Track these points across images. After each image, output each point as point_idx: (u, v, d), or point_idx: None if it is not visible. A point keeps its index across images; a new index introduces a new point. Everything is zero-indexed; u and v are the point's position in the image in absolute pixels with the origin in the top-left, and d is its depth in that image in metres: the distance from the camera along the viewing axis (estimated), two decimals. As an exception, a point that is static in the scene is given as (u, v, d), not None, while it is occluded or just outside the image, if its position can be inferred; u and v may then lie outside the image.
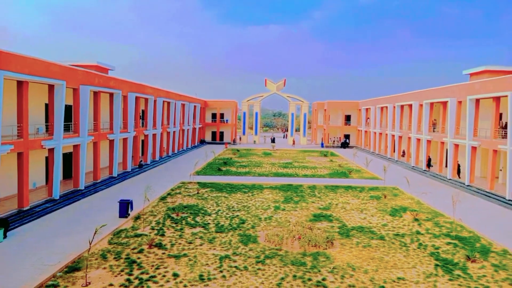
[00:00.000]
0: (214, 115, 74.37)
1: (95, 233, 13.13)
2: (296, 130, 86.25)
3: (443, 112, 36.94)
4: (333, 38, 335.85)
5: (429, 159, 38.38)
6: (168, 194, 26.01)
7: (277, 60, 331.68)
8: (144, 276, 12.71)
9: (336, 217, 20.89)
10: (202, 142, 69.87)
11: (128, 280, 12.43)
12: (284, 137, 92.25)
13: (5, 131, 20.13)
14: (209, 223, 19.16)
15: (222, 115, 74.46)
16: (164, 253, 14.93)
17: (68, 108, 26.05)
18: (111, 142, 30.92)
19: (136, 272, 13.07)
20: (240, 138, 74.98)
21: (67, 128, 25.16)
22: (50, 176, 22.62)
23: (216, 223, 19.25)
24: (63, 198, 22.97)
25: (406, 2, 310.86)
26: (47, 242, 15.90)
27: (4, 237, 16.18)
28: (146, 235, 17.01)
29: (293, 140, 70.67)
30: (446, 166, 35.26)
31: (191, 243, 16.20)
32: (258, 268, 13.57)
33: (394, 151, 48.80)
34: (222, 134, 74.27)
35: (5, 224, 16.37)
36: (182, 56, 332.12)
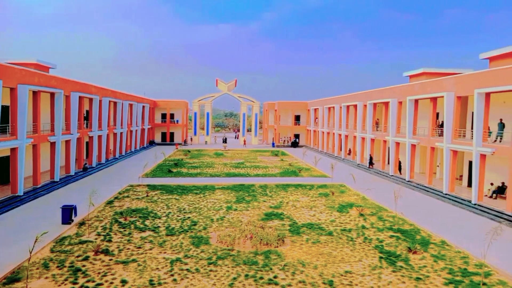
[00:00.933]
0: (164, 116, 72.78)
1: (36, 241, 12.36)
2: (247, 130, 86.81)
3: (385, 112, 38.94)
4: (283, 39, 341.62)
5: (370, 158, 40.34)
6: (116, 198, 25.09)
7: (228, 60, 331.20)
8: (90, 284, 12.16)
9: (287, 215, 21.29)
10: (152, 143, 68.13)
11: (72, 289, 11.83)
12: (235, 137, 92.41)
13: None
14: (159, 227, 18.73)
15: (172, 116, 73.07)
16: (111, 259, 14.39)
17: (5, 109, 24.31)
18: (52, 144, 29.24)
19: (81, 280, 12.47)
20: (191, 138, 74.04)
21: (3, 130, 23.44)
22: (-17, 182, 20.95)
23: (167, 226, 18.87)
24: (-2, 205, 21.38)
25: (350, 6, 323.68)
26: (-20, 254, 14.72)
27: None
28: (91, 241, 16.28)
29: (244, 140, 71.03)
30: (389, 163, 37.22)
31: (140, 247, 15.75)
32: (210, 270, 13.50)
33: (341, 150, 50.68)
34: (172, 135, 72.89)
35: None
36: (130, 55, 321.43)
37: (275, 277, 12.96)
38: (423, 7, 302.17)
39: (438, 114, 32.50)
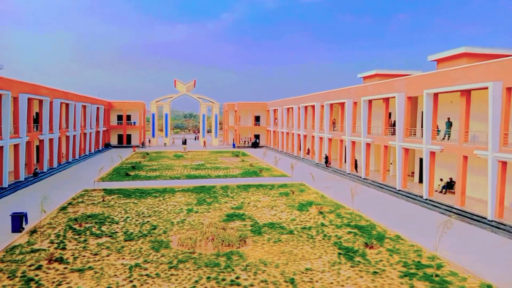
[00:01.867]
0: (120, 117, 70.57)
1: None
2: (207, 131, 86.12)
3: (342, 112, 40.10)
4: (242, 40, 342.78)
5: (326, 157, 41.47)
6: (69, 204, 24.03)
7: (186, 61, 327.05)
8: (43, 295, 11.57)
9: (248, 215, 21.37)
10: (107, 146, 65.84)
11: (23, 301, 11.19)
12: (195, 138, 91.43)
13: None
14: (116, 232, 18.15)
15: (129, 117, 71.01)
16: (66, 267, 13.76)
17: None
18: (0, 149, 27.53)
19: (33, 292, 11.83)
20: (150, 140, 72.34)
21: None
22: None
23: (125, 231, 18.33)
24: None
25: (306, 9, 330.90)
26: None
27: None
28: (44, 249, 15.49)
29: (204, 141, 70.44)
30: (346, 162, 38.36)
31: (96, 254, 15.18)
32: (171, 274, 13.27)
33: (300, 149, 51.60)
34: (129, 137, 70.85)
35: None
36: (82, 54, 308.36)
37: (237, 278, 12.97)
38: (376, 11, 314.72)
39: (390, 114, 33.91)
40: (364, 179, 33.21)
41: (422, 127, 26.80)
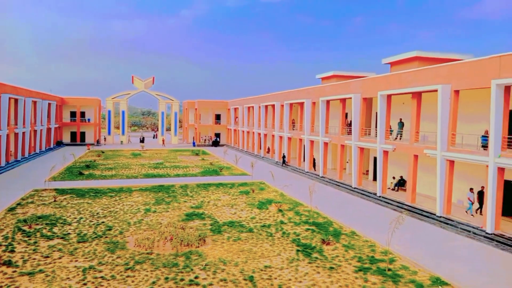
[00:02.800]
0: (73, 114, 67.61)
1: None
2: (167, 130, 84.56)
3: (301, 112, 40.84)
4: (201, 37, 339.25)
5: (283, 156, 42.15)
6: (18, 204, 22.74)
7: (145, 57, 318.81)
8: (-12, 302, 10.90)
9: (208, 214, 21.25)
10: (60, 144, 62.89)
11: (-35, 310, 10.49)
12: (154, 136, 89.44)
13: None
14: (69, 233, 17.42)
15: (83, 114, 68.22)
16: (15, 271, 13.03)
17: None
18: None
19: (-24, 299, 11.11)
20: (105, 138, 69.92)
21: None
22: None
23: (78, 232, 17.63)
24: None
25: (266, 9, 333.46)
26: None
27: None
28: (-11, 254, 14.57)
29: (163, 140, 69.10)
30: (304, 160, 39.12)
31: (48, 257, 14.49)
32: (127, 276, 12.94)
33: (261, 148, 51.99)
34: (83, 134, 68.08)
35: None
36: (34, 47, 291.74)
37: (196, 277, 12.88)
38: (335, 13, 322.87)
39: (347, 114, 34.98)
40: (322, 177, 34.02)
41: (376, 127, 27.88)
